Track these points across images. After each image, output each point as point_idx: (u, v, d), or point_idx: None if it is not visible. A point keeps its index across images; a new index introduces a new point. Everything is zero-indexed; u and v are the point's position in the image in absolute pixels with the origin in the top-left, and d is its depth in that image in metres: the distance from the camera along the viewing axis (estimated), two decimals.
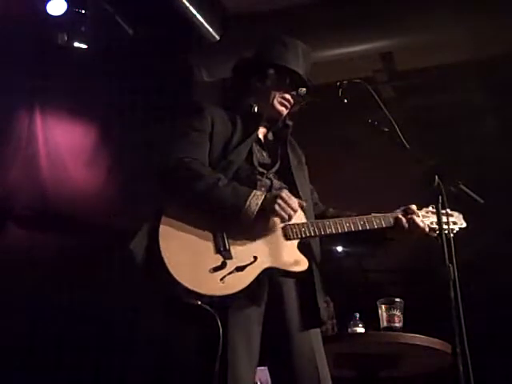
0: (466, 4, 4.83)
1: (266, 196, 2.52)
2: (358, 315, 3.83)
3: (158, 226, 2.46)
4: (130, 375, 4.84)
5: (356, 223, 2.71)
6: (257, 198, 2.50)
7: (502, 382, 4.57)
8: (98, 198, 5.14)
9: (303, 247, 2.63)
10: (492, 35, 4.90)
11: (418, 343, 3.57)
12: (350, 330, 3.79)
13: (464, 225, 2.88)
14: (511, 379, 4.57)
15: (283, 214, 2.52)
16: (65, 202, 5.17)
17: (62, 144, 5.36)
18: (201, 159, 2.58)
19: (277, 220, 2.57)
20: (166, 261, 2.40)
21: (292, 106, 2.86)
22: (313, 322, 2.65)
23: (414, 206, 2.80)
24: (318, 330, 2.70)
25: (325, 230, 2.65)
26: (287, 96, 2.82)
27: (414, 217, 2.77)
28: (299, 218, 2.63)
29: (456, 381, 2.20)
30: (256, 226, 2.54)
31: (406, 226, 2.75)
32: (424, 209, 2.89)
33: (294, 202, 2.55)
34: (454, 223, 2.86)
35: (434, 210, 2.85)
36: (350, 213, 2.83)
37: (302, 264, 2.59)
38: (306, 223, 2.64)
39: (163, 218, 2.48)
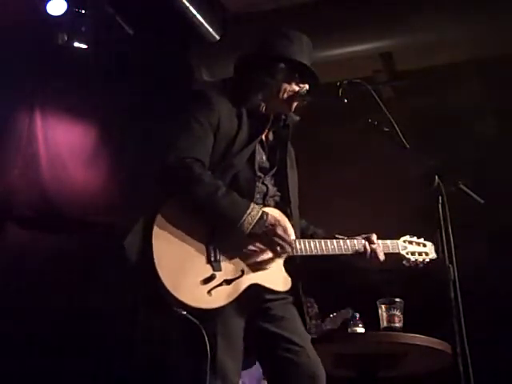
0: (466, 4, 4.83)
1: (261, 216, 2.50)
2: (357, 315, 3.82)
3: (153, 226, 2.44)
4: (130, 374, 4.84)
5: (340, 246, 2.73)
6: (252, 217, 2.48)
7: (501, 382, 4.57)
8: (98, 198, 5.14)
9: (288, 263, 2.63)
10: (492, 35, 4.90)
11: (418, 343, 3.57)
12: (349, 329, 3.79)
13: (435, 256, 2.90)
14: (511, 379, 4.56)
15: (277, 250, 2.54)
16: (65, 201, 5.17)
17: (62, 144, 5.36)
18: (202, 159, 2.53)
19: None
20: (156, 266, 2.39)
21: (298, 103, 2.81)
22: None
23: (374, 236, 2.80)
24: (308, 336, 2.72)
25: (311, 250, 2.66)
26: (297, 89, 2.77)
27: (375, 246, 2.78)
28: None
29: (456, 381, 2.20)
30: (249, 241, 2.54)
31: (369, 254, 2.77)
32: (402, 238, 2.93)
33: (289, 235, 2.55)
34: (426, 254, 2.89)
35: (412, 239, 2.93)
36: (315, 229, 2.85)
37: (286, 284, 2.61)
38: (294, 241, 2.63)
39: (158, 219, 2.46)
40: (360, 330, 3.76)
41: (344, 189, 5.25)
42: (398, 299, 3.68)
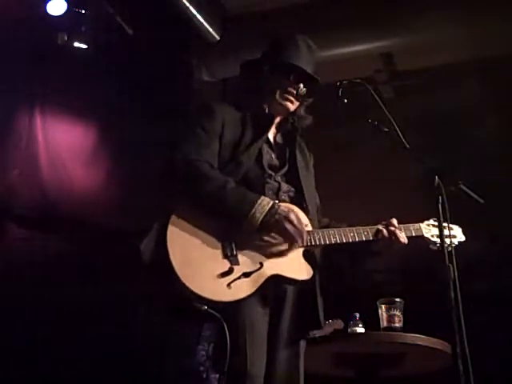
0: (466, 4, 4.83)
1: (272, 206, 2.52)
2: (357, 315, 3.82)
3: (167, 228, 2.46)
4: (130, 376, 4.84)
5: (360, 233, 2.72)
6: (262, 208, 2.49)
7: (501, 382, 4.57)
8: (98, 198, 5.14)
9: (307, 255, 2.64)
10: (492, 35, 4.90)
11: (418, 343, 3.56)
12: (349, 330, 3.79)
13: (463, 238, 2.89)
14: (511, 379, 4.57)
15: (289, 238, 2.54)
16: (65, 202, 5.17)
17: (62, 144, 5.36)
18: (209, 161, 2.57)
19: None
20: (173, 264, 2.41)
21: (300, 103, 2.84)
22: (311, 326, 2.70)
23: (394, 220, 2.81)
24: (305, 342, 2.73)
25: (330, 239, 2.66)
26: (290, 89, 2.80)
27: (395, 230, 2.78)
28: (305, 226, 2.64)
29: (456, 381, 2.20)
30: (262, 233, 2.55)
31: (389, 237, 2.76)
32: (425, 221, 2.91)
33: (302, 224, 2.56)
34: (454, 237, 2.88)
35: (436, 223, 2.88)
36: (340, 223, 2.85)
37: (307, 272, 2.61)
38: (311, 231, 2.64)
39: (172, 220, 2.48)
40: (360, 329, 3.76)
41: (344, 189, 5.25)
42: (398, 299, 3.68)
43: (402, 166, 2.86)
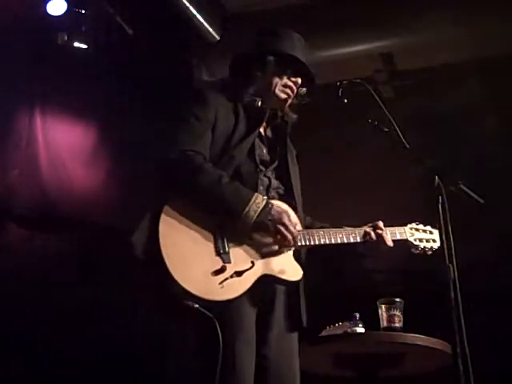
0: (466, 4, 4.83)
1: (266, 205, 2.50)
2: (357, 315, 3.82)
3: (159, 222, 2.43)
4: (130, 376, 4.84)
5: (348, 235, 2.73)
6: (256, 206, 2.48)
7: (501, 382, 4.57)
8: (98, 198, 5.14)
9: (296, 255, 2.64)
10: (492, 35, 4.90)
11: (418, 343, 3.56)
12: (349, 330, 3.79)
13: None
14: (511, 379, 4.56)
15: (282, 240, 2.53)
16: (65, 201, 5.17)
17: (62, 144, 5.36)
18: (203, 152, 2.54)
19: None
20: (166, 261, 2.38)
21: (294, 96, 2.83)
22: (295, 326, 2.68)
23: (380, 223, 2.82)
24: (297, 335, 2.72)
25: (319, 240, 2.66)
26: (289, 83, 2.80)
27: (382, 233, 2.79)
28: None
29: (456, 381, 2.20)
30: (255, 231, 2.53)
31: (377, 240, 2.77)
32: (409, 225, 2.92)
33: (294, 227, 2.55)
34: (434, 241, 2.89)
35: (418, 227, 2.93)
36: (322, 223, 2.85)
37: (297, 273, 2.61)
38: (301, 231, 2.63)
39: (164, 215, 2.45)
40: (360, 329, 3.76)
41: (344, 189, 5.25)
42: (398, 299, 3.68)
43: (402, 166, 2.86)
